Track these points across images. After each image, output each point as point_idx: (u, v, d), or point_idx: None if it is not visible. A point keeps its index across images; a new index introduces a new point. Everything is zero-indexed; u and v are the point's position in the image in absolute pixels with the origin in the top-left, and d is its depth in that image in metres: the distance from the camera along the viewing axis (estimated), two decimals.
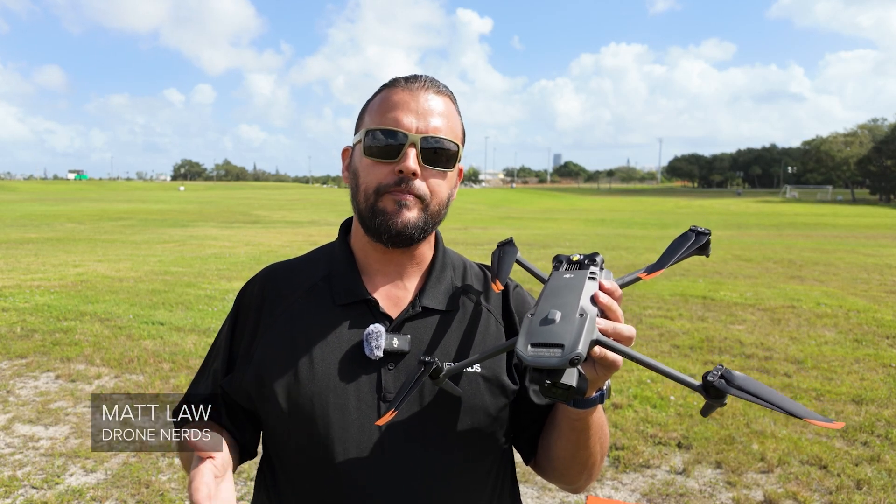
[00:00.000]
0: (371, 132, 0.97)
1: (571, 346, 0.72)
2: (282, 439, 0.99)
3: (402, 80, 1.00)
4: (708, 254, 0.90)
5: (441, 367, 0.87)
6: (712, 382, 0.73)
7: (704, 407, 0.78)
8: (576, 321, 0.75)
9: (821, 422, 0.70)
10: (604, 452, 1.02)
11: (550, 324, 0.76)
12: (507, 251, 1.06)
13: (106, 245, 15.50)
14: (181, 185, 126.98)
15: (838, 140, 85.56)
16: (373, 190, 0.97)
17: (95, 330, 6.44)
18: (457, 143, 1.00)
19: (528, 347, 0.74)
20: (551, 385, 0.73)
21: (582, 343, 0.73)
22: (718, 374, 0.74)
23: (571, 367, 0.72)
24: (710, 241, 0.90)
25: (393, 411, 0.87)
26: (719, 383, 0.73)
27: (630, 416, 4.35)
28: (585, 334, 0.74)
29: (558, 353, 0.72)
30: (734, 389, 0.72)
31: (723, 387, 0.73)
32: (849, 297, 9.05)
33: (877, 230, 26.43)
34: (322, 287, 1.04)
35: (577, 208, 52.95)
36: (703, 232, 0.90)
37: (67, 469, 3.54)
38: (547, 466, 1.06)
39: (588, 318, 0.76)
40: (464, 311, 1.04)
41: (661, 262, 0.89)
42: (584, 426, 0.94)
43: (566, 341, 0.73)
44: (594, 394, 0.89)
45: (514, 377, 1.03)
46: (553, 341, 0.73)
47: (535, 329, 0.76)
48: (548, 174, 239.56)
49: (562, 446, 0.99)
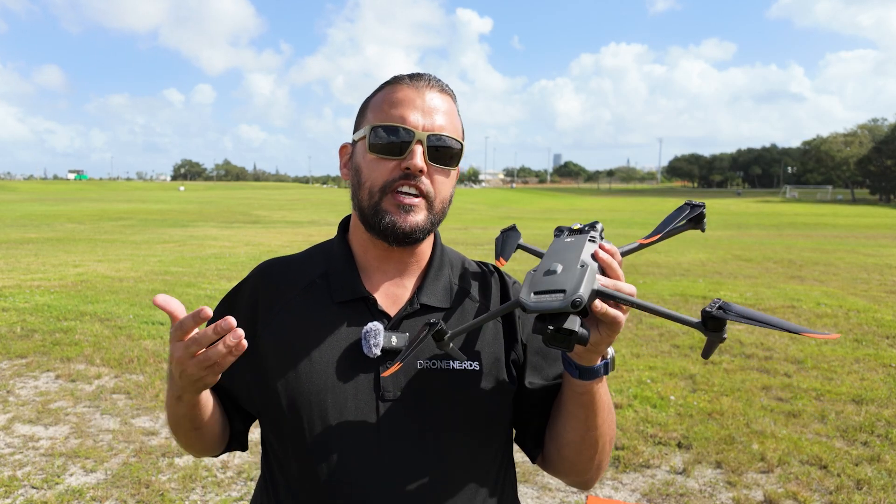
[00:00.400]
0: (376, 128, 0.96)
1: (573, 289, 0.75)
2: (280, 438, 0.99)
3: (406, 78, 0.99)
4: (703, 228, 0.93)
5: (445, 329, 0.88)
6: (710, 313, 0.75)
7: (706, 346, 0.80)
8: (577, 271, 0.78)
9: (817, 334, 0.73)
10: (612, 437, 1.01)
11: (552, 274, 0.79)
12: (510, 235, 1.10)
13: (106, 245, 15.50)
14: (181, 185, 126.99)
15: (838, 140, 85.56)
16: (378, 188, 0.96)
17: (95, 330, 6.44)
18: (460, 141, 1.00)
19: (531, 295, 0.77)
20: (554, 331, 0.75)
21: (583, 287, 0.75)
22: (717, 306, 0.76)
23: (573, 309, 0.74)
24: (704, 215, 0.93)
25: (399, 363, 0.88)
26: (718, 313, 0.75)
27: (630, 416, 4.35)
28: (586, 282, 0.77)
29: (560, 297, 0.75)
30: (733, 315, 0.74)
31: (721, 315, 0.75)
32: (849, 297, 9.05)
33: (877, 230, 26.42)
34: (320, 284, 1.04)
35: (577, 208, 52.95)
36: (697, 205, 0.93)
37: (67, 469, 3.54)
38: (556, 457, 1.04)
39: (589, 269, 0.79)
40: (462, 308, 1.04)
41: (657, 230, 0.93)
42: (591, 401, 0.94)
43: (568, 287, 0.76)
44: (598, 362, 0.90)
45: (513, 374, 1.03)
46: (555, 288, 0.77)
47: (538, 279, 0.79)
48: (548, 174, 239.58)
49: (571, 428, 0.98)
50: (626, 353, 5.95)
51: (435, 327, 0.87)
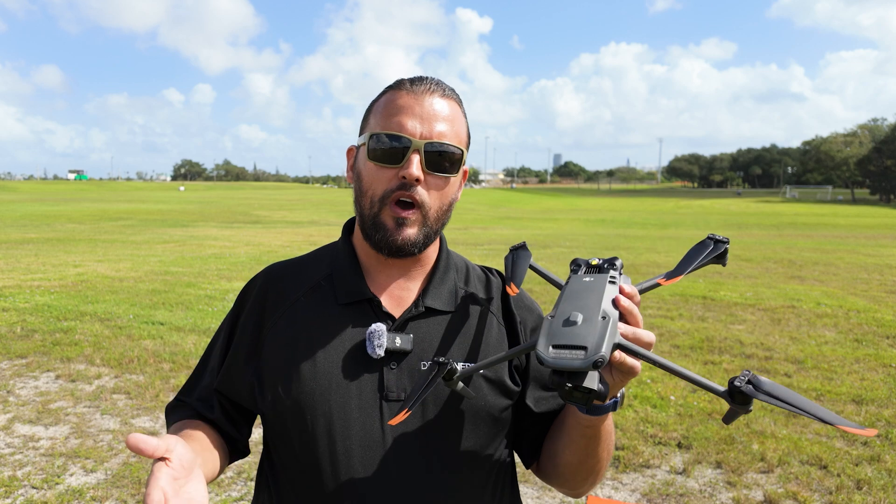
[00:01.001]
0: (375, 136, 0.96)
1: (595, 348, 0.71)
2: (283, 438, 0.99)
3: (407, 83, 0.99)
4: (725, 263, 0.89)
5: (455, 368, 0.86)
6: (739, 388, 0.71)
7: (728, 413, 0.75)
8: (598, 323, 0.74)
9: (854, 429, 0.67)
10: (609, 459, 1.02)
11: (572, 325, 0.74)
12: (520, 255, 1.05)
13: (106, 245, 15.50)
14: (181, 185, 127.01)
15: (838, 140, 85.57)
16: (378, 198, 0.97)
17: (95, 330, 6.44)
18: (461, 147, 0.99)
19: (549, 349, 0.72)
20: (572, 388, 0.72)
21: (605, 346, 0.71)
22: (745, 380, 0.71)
23: (594, 369, 0.70)
24: (727, 250, 0.89)
25: (407, 411, 0.86)
26: (747, 388, 0.70)
27: (630, 416, 4.35)
28: (609, 337, 0.73)
29: (581, 356, 0.70)
30: (762, 395, 0.70)
31: (751, 392, 0.70)
32: (849, 297, 9.05)
33: (877, 230, 26.42)
34: (325, 286, 1.04)
35: (577, 208, 52.94)
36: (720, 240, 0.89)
37: (67, 469, 3.54)
38: (552, 472, 1.06)
39: (611, 321, 0.75)
40: (466, 312, 1.05)
41: (679, 269, 0.88)
42: (594, 433, 0.94)
43: (589, 343, 0.71)
44: (608, 401, 0.88)
45: (517, 379, 1.03)
46: (576, 343, 0.72)
47: (557, 330, 0.74)
48: (548, 174, 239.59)
49: (570, 453, 0.99)
50: None
51: (445, 368, 0.86)
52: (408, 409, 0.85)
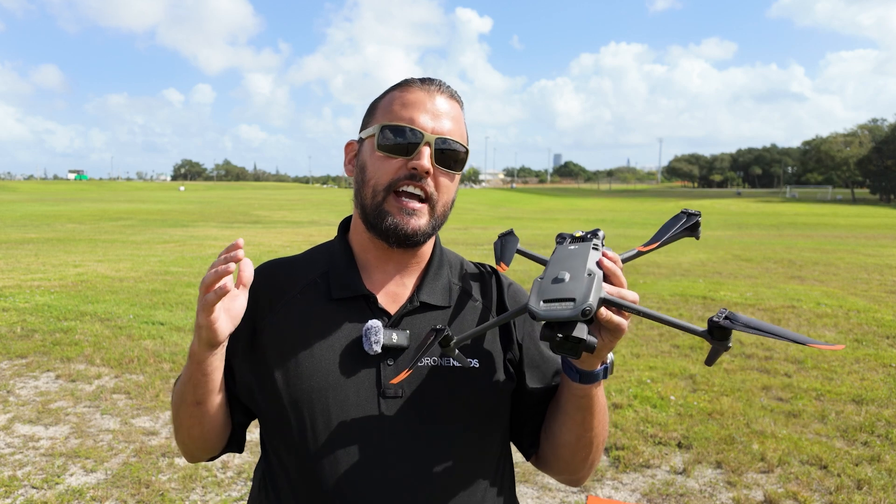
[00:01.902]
0: (386, 128, 0.97)
1: (583, 298, 0.76)
2: (281, 435, 0.99)
3: (417, 81, 1.02)
4: (698, 236, 0.95)
5: (451, 335, 0.89)
6: (717, 323, 0.76)
7: (710, 353, 0.80)
8: (585, 279, 0.79)
9: (822, 345, 0.73)
10: (605, 438, 1.04)
11: (560, 282, 0.80)
12: (508, 240, 1.10)
13: (106, 245, 15.50)
14: (181, 185, 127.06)
15: (838, 140, 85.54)
16: (383, 186, 0.98)
17: (95, 330, 6.44)
18: (466, 147, 1.02)
19: (540, 303, 0.78)
20: (563, 339, 0.76)
21: (592, 296, 0.76)
22: (723, 316, 0.76)
23: (583, 318, 0.75)
24: (699, 223, 0.94)
25: (407, 370, 0.89)
26: (724, 323, 0.76)
27: (630, 416, 4.35)
28: (595, 290, 0.78)
29: (570, 306, 0.76)
30: (739, 325, 0.75)
31: (727, 325, 0.75)
32: (849, 297, 9.05)
33: (877, 230, 26.42)
34: (320, 283, 1.05)
35: (577, 208, 52.96)
36: (693, 213, 0.95)
37: (67, 469, 3.54)
38: (551, 456, 1.06)
39: (596, 277, 0.80)
40: (461, 306, 1.06)
41: (655, 238, 0.95)
42: (589, 404, 0.95)
43: (577, 295, 0.77)
44: (598, 367, 0.91)
45: (511, 372, 1.04)
46: (564, 296, 0.77)
47: (547, 287, 0.80)
48: (548, 174, 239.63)
49: (568, 429, 1.00)
50: (626, 353, 5.95)
51: (442, 333, 0.88)
52: (408, 368, 0.90)
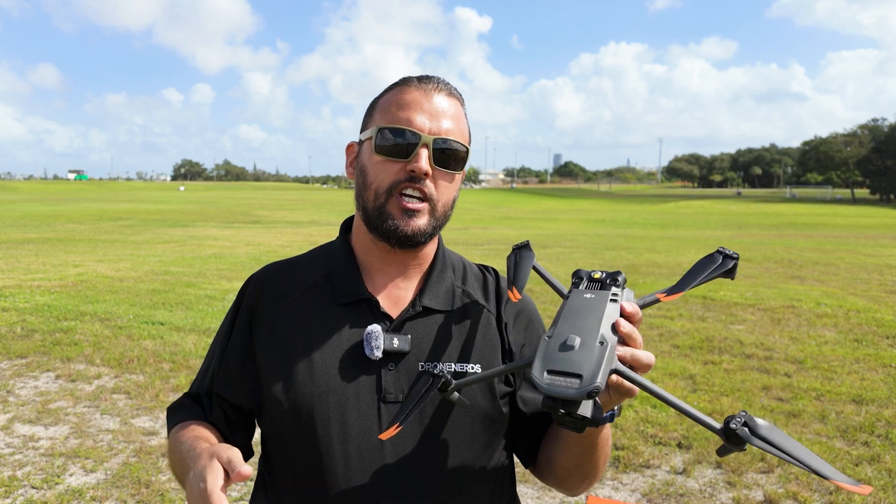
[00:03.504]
0: (383, 130, 0.96)
1: (590, 378, 0.69)
2: (281, 439, 0.99)
3: (414, 80, 0.99)
4: (733, 277, 0.84)
5: (450, 380, 0.86)
6: (734, 430, 0.69)
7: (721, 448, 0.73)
8: (596, 350, 0.72)
9: (848, 485, 0.65)
10: (606, 463, 1.02)
11: (569, 350, 0.72)
12: (523, 256, 1.00)
13: (106, 245, 15.50)
14: (181, 185, 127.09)
15: (838, 140, 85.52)
16: (384, 189, 0.96)
17: (95, 330, 6.44)
18: (466, 146, 1.00)
19: (544, 374, 0.71)
20: (565, 414, 0.71)
21: (601, 376, 0.69)
22: (742, 422, 0.70)
23: (588, 399, 0.69)
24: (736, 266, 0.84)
25: (398, 426, 0.85)
26: (742, 431, 0.69)
27: (630, 416, 4.35)
28: (605, 365, 0.71)
29: (576, 384, 0.69)
30: (756, 440, 0.68)
31: (745, 436, 0.69)
32: (849, 297, 9.05)
33: (877, 230, 26.42)
34: (322, 286, 1.04)
35: (577, 208, 52.96)
36: (730, 255, 0.84)
37: (67, 469, 3.54)
38: (548, 474, 1.06)
39: (608, 348, 0.73)
40: (463, 311, 1.04)
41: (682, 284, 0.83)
42: (591, 442, 0.94)
43: (585, 372, 0.70)
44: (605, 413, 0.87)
45: (511, 380, 1.03)
46: (571, 370, 0.70)
47: (553, 354, 0.73)
48: (548, 174, 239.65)
49: (566, 458, 0.99)
50: None
51: (440, 380, 0.85)
52: (398, 423, 0.85)
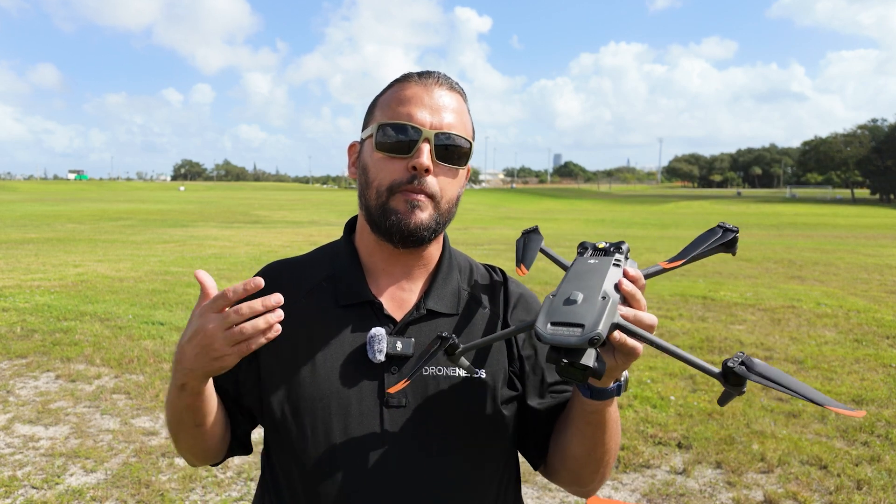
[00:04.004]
0: (383, 126, 0.95)
1: (592, 325, 0.71)
2: (283, 441, 0.98)
3: (415, 76, 0.98)
4: (734, 252, 0.88)
5: (457, 343, 0.86)
6: (732, 368, 0.72)
7: (722, 395, 0.76)
8: (598, 303, 0.74)
9: (842, 410, 0.69)
10: (616, 451, 1.00)
11: (572, 304, 0.75)
12: (531, 238, 1.05)
13: (106, 245, 15.49)
14: (181, 185, 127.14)
15: (838, 140, 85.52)
16: (385, 187, 0.95)
17: (95, 330, 6.44)
18: (469, 140, 0.98)
19: (547, 325, 0.73)
20: (568, 364, 0.72)
21: (602, 324, 0.72)
22: (739, 361, 0.73)
23: (590, 346, 0.71)
24: (737, 239, 0.88)
25: (406, 380, 0.86)
26: (739, 369, 0.72)
27: (630, 416, 4.35)
28: (606, 316, 0.73)
29: (578, 332, 0.71)
30: (754, 375, 0.71)
31: (743, 373, 0.72)
32: (849, 297, 9.05)
33: (877, 230, 26.41)
34: (325, 287, 1.02)
35: (577, 208, 52.96)
36: (730, 228, 0.88)
37: (67, 469, 3.54)
38: (560, 468, 1.03)
39: (610, 302, 0.75)
40: (468, 314, 1.03)
41: (683, 253, 0.87)
42: (600, 420, 0.92)
43: (587, 321, 0.72)
44: (611, 385, 0.88)
45: (516, 383, 1.02)
46: (573, 321, 0.72)
47: (556, 308, 0.75)
48: (548, 174, 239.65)
49: (577, 444, 0.97)
50: None
51: (447, 342, 0.86)
52: (407, 378, 0.86)
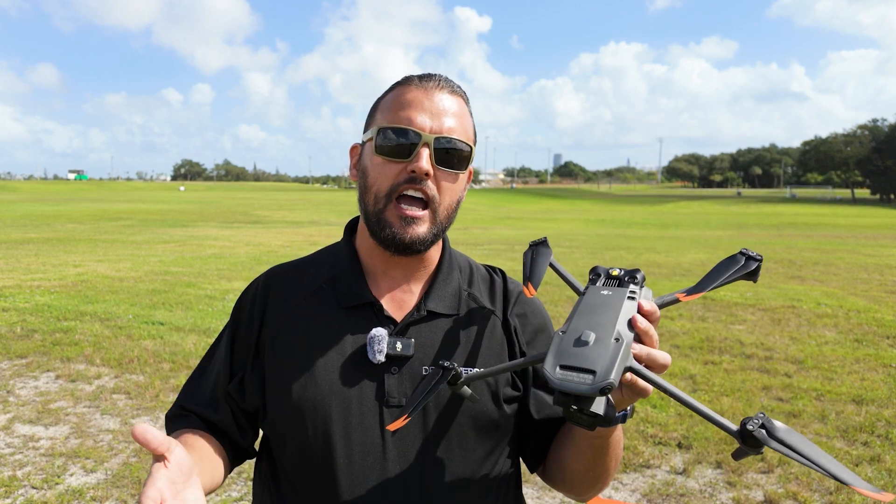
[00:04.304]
0: (383, 130, 0.94)
1: (604, 374, 0.68)
2: (284, 442, 0.98)
3: (416, 79, 0.98)
4: (756, 280, 0.82)
5: (460, 373, 0.85)
6: (751, 432, 0.67)
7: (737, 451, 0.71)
8: (610, 346, 0.70)
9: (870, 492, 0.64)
10: (617, 467, 0.99)
11: (583, 346, 0.71)
12: (540, 252, 0.99)
13: (106, 245, 15.49)
14: (181, 185, 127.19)
15: (838, 140, 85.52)
16: (384, 192, 0.94)
17: (95, 330, 6.44)
18: (470, 144, 0.98)
19: (556, 369, 0.69)
20: (577, 410, 0.69)
21: (615, 372, 0.68)
22: (759, 424, 0.68)
23: (601, 395, 0.67)
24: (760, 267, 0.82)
25: (406, 417, 0.84)
26: (759, 433, 0.67)
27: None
28: (619, 362, 0.69)
29: (589, 380, 0.67)
30: (774, 442, 0.66)
31: (763, 438, 0.67)
32: (849, 297, 9.05)
33: (877, 230, 26.41)
34: (326, 289, 1.03)
35: (577, 208, 52.95)
36: (753, 257, 0.82)
37: (67, 469, 3.54)
38: (558, 478, 1.04)
39: (623, 345, 0.71)
40: (469, 315, 1.03)
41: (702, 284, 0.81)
42: (602, 444, 0.92)
43: (598, 368, 0.68)
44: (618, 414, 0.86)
45: (517, 384, 1.02)
46: (584, 366, 0.69)
47: (567, 349, 0.71)
48: (548, 174, 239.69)
49: (577, 461, 0.97)
50: None
51: (450, 372, 0.84)
52: (407, 415, 0.84)
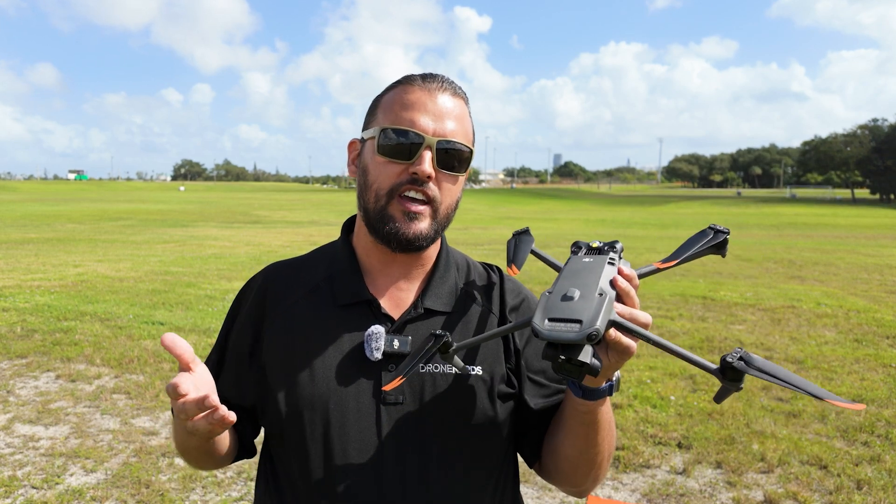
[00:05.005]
0: (386, 130, 0.95)
1: (590, 322, 0.72)
2: (282, 440, 0.99)
3: (418, 79, 0.98)
4: (724, 254, 0.90)
5: (451, 342, 0.87)
6: (731, 364, 0.73)
7: (719, 392, 0.76)
8: (595, 299, 0.75)
9: (841, 403, 0.69)
10: (611, 453, 1.00)
11: (569, 300, 0.75)
12: (522, 240, 1.05)
13: (106, 245, 15.50)
14: (181, 185, 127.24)
15: (838, 140, 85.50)
16: (385, 191, 0.95)
17: (95, 330, 6.44)
18: (470, 147, 0.99)
19: (545, 321, 0.74)
20: (565, 361, 0.72)
21: (600, 320, 0.72)
22: (737, 356, 0.73)
23: (588, 342, 0.71)
24: (727, 241, 0.89)
25: (401, 378, 0.86)
26: (738, 364, 0.72)
27: (630, 416, 4.35)
28: (604, 313, 0.73)
29: (576, 328, 0.71)
30: (753, 370, 0.72)
31: (742, 368, 0.72)
32: (849, 297, 9.05)
33: (877, 230, 26.42)
34: (324, 287, 1.03)
35: (577, 208, 52.97)
36: (721, 230, 0.89)
37: (67, 469, 3.54)
38: (553, 468, 1.04)
39: (607, 298, 0.76)
40: (466, 312, 1.03)
41: (676, 254, 0.89)
42: (593, 420, 0.92)
43: (584, 317, 0.72)
44: (604, 384, 0.88)
45: (513, 381, 1.02)
46: (571, 317, 0.73)
47: (553, 304, 0.76)
48: (548, 174, 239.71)
49: (570, 444, 0.97)
50: None
51: (441, 340, 0.86)
52: (402, 376, 0.86)
